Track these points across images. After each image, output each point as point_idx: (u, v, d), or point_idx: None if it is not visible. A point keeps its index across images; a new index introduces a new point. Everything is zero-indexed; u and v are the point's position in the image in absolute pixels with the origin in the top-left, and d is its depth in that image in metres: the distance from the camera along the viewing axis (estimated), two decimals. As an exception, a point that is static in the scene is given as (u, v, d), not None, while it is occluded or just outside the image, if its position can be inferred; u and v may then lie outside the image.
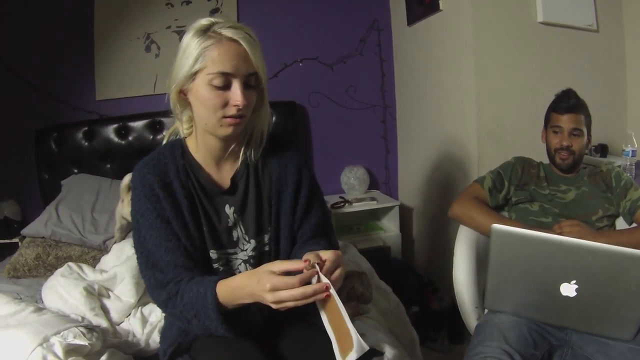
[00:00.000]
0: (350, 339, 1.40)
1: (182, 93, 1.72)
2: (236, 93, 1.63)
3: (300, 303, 1.44)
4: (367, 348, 1.41)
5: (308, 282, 1.45)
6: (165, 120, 4.01)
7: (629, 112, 4.09)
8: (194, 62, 1.61)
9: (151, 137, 4.04)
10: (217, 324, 1.61)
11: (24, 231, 3.37)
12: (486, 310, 2.35)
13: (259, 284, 1.47)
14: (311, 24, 4.52)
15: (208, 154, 1.82)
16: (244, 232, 1.85)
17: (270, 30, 4.39)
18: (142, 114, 4.06)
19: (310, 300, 1.44)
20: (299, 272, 1.46)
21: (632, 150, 3.46)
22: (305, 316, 1.89)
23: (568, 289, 1.89)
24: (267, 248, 1.89)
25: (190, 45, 1.62)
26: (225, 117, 1.66)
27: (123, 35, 4.10)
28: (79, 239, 3.28)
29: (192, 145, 1.85)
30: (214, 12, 4.21)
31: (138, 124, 4.04)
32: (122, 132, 4.01)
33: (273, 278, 1.45)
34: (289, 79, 4.48)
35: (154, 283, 1.73)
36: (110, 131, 3.99)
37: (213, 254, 1.81)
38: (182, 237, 1.75)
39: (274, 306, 1.47)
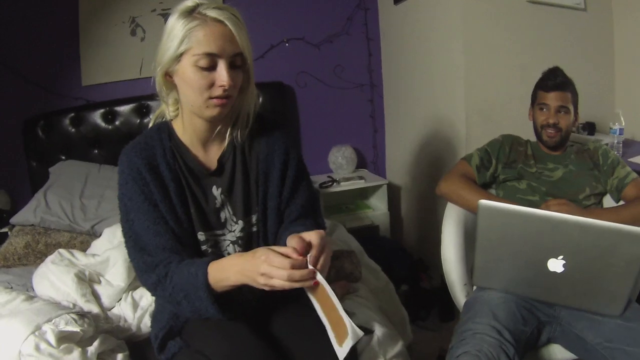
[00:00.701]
0: (345, 326, 1.43)
1: (168, 75, 1.72)
2: (222, 74, 1.63)
3: (286, 286, 1.46)
4: (361, 334, 1.43)
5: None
6: (151, 103, 4.00)
7: (616, 90, 4.12)
8: (180, 43, 1.61)
9: (138, 121, 4.03)
10: (207, 304, 1.62)
11: (13, 219, 3.36)
12: (475, 287, 2.37)
13: (254, 257, 1.50)
14: (297, 3, 4.50)
15: (195, 136, 1.83)
16: (231, 213, 1.86)
17: (256, 10, 4.35)
18: (129, 98, 4.04)
19: (296, 285, 1.46)
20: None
21: (620, 128, 3.48)
22: (297, 297, 1.90)
23: (555, 265, 1.91)
24: (255, 229, 1.90)
25: (176, 27, 1.62)
26: (211, 97, 1.67)
27: (108, 19, 4.07)
28: (68, 225, 3.28)
29: (178, 127, 1.85)
30: (199, -7, 4.16)
31: (125, 109, 4.02)
32: (109, 117, 3.98)
33: (271, 253, 1.47)
34: (275, 60, 4.46)
35: (143, 266, 1.73)
36: (97, 116, 3.96)
37: (201, 236, 1.83)
38: (170, 220, 1.76)
39: (261, 281, 1.49)
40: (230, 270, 1.56)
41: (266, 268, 1.46)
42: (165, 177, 1.78)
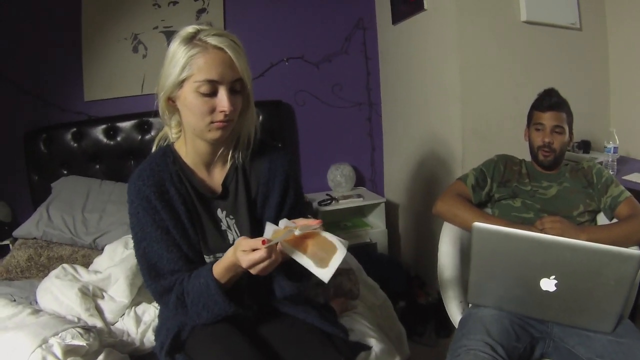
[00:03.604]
0: (331, 245, 1.55)
1: (171, 100, 1.76)
2: (223, 99, 1.68)
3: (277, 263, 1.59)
4: (347, 243, 1.57)
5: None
6: (153, 120, 4.03)
7: (611, 109, 4.16)
8: (181, 70, 1.66)
9: (139, 137, 4.06)
10: (225, 306, 1.71)
11: (16, 232, 3.39)
12: (470, 305, 2.40)
13: (238, 261, 1.60)
14: (297, 23, 4.55)
15: (198, 158, 1.87)
16: (239, 234, 1.90)
17: (256, 29, 4.42)
18: (130, 115, 4.06)
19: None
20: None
21: (614, 147, 3.52)
22: (295, 312, 1.95)
23: (547, 284, 1.95)
24: None
25: (177, 54, 1.67)
26: (213, 122, 1.71)
27: (110, 36, 4.11)
28: (70, 238, 3.31)
29: (181, 150, 1.90)
30: (200, 12, 4.21)
31: (126, 125, 4.05)
32: (111, 132, 4.01)
33: (247, 256, 1.56)
34: (275, 78, 4.50)
35: (161, 290, 1.80)
36: (98, 132, 3.99)
37: (207, 259, 1.87)
38: (183, 245, 1.82)
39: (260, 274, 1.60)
40: (235, 269, 1.67)
41: (256, 269, 1.58)
42: (175, 202, 1.82)
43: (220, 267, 1.69)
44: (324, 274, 1.55)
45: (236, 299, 1.75)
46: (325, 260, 1.56)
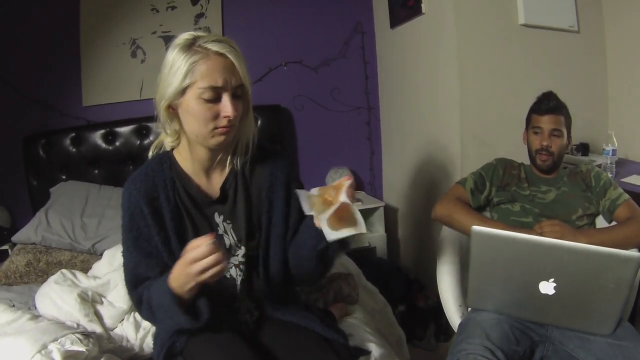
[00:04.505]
0: (355, 221, 1.58)
1: (171, 108, 1.75)
2: (226, 105, 1.68)
3: (221, 265, 1.54)
4: (364, 231, 1.58)
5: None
6: (151, 125, 4.03)
7: (610, 111, 4.15)
8: (183, 77, 1.65)
9: (138, 142, 4.06)
10: (179, 317, 1.65)
11: (15, 238, 3.39)
12: (469, 309, 2.40)
13: (181, 274, 1.58)
14: (295, 27, 4.55)
15: (197, 164, 1.87)
16: (236, 239, 1.89)
17: (255, 34, 4.42)
18: (129, 120, 4.07)
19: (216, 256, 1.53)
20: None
21: (613, 150, 3.50)
22: (294, 318, 1.94)
23: (546, 287, 1.95)
24: (255, 253, 1.92)
25: (177, 61, 1.66)
26: (216, 128, 1.71)
27: (109, 41, 4.11)
28: (69, 243, 3.31)
29: (179, 157, 1.89)
30: (199, 17, 4.22)
31: (125, 130, 4.05)
32: (110, 137, 4.02)
33: (187, 269, 1.55)
34: (274, 83, 4.51)
35: (137, 298, 1.82)
36: (97, 137, 4.00)
37: None
38: (164, 253, 1.81)
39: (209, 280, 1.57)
40: (182, 277, 1.59)
41: (200, 278, 1.54)
42: (163, 209, 1.82)
43: (171, 276, 1.63)
44: (330, 233, 1.59)
45: (195, 313, 1.70)
46: (340, 224, 1.59)
